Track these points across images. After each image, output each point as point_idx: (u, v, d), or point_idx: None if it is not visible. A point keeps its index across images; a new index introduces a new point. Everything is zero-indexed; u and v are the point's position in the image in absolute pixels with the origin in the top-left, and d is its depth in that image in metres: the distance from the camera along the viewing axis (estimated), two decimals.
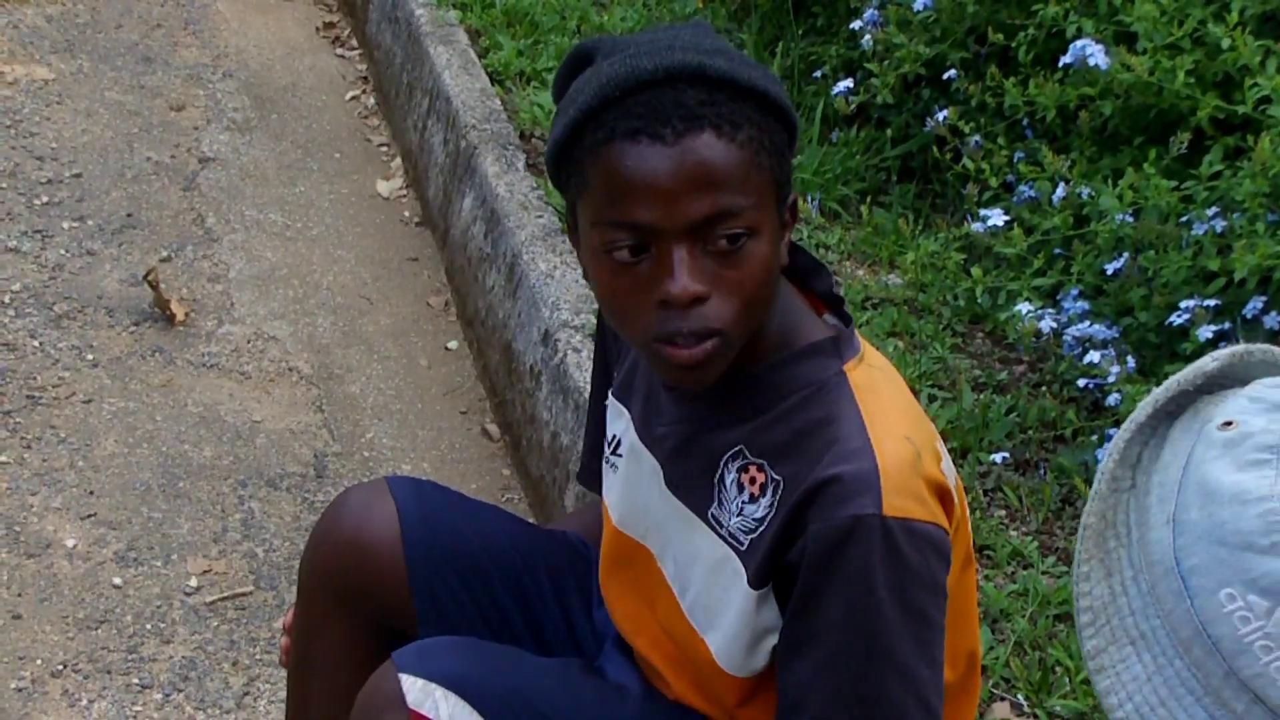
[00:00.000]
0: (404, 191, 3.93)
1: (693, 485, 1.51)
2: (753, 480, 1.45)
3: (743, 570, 1.45)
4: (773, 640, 1.46)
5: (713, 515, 1.48)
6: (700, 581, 1.51)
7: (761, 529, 1.43)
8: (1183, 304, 2.51)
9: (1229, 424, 1.00)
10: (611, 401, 1.66)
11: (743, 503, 1.45)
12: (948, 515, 1.40)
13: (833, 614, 1.37)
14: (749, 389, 1.45)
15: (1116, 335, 2.63)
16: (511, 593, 1.75)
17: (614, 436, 1.65)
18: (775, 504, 1.42)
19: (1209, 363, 1.06)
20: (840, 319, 1.51)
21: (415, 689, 1.53)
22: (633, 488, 1.60)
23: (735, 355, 1.40)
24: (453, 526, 1.75)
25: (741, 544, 1.45)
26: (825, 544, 1.35)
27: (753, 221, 1.35)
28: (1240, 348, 1.07)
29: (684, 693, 1.61)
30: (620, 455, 1.63)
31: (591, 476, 1.84)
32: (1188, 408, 1.06)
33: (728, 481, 1.47)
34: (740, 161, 1.33)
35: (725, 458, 1.47)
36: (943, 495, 1.40)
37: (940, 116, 3.03)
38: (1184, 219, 2.62)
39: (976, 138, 3.06)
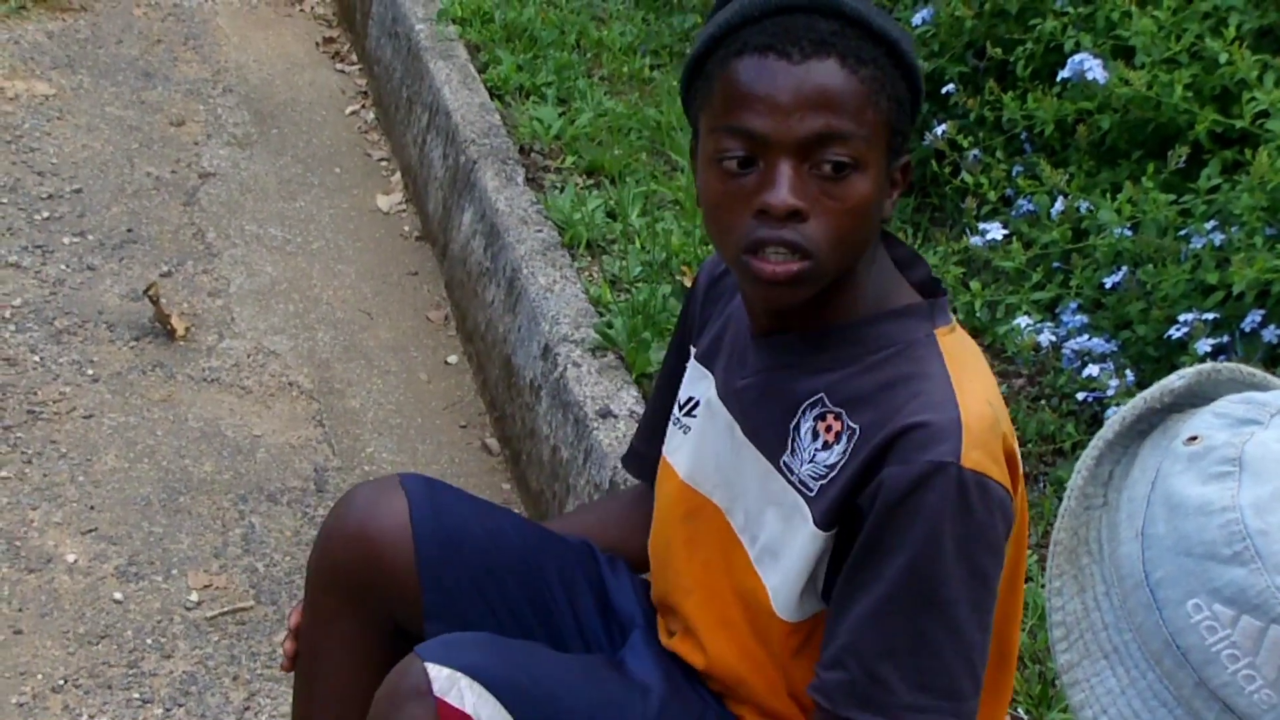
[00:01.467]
0: (404, 206, 3.94)
1: (769, 432, 1.53)
2: (829, 428, 1.47)
3: (809, 513, 1.47)
4: (822, 571, 1.48)
5: (784, 463, 1.51)
6: (770, 528, 1.53)
7: (833, 474, 1.46)
8: (1181, 317, 2.52)
9: (1194, 439, 1.01)
10: (694, 365, 1.69)
11: (816, 450, 1.48)
12: (1013, 485, 1.43)
13: (897, 559, 1.39)
14: (838, 341, 1.49)
15: (1115, 349, 2.63)
16: (523, 590, 1.75)
17: (690, 398, 1.67)
18: (849, 450, 1.45)
19: (1176, 381, 1.08)
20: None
21: (442, 677, 1.54)
22: (706, 444, 1.63)
23: (825, 292, 1.44)
24: (464, 523, 1.75)
25: (811, 490, 1.48)
26: (900, 487, 1.38)
27: (860, 153, 1.40)
28: (1208, 366, 1.09)
29: (721, 655, 1.61)
30: (695, 416, 1.66)
31: (637, 462, 1.87)
32: (1157, 426, 1.08)
33: (803, 429, 1.50)
34: (859, 93, 1.39)
35: (805, 405, 1.50)
36: (1012, 463, 1.43)
37: (939, 131, 3.04)
38: (1182, 233, 2.62)
39: (975, 152, 3.06)
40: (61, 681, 2.42)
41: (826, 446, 1.47)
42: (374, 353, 3.36)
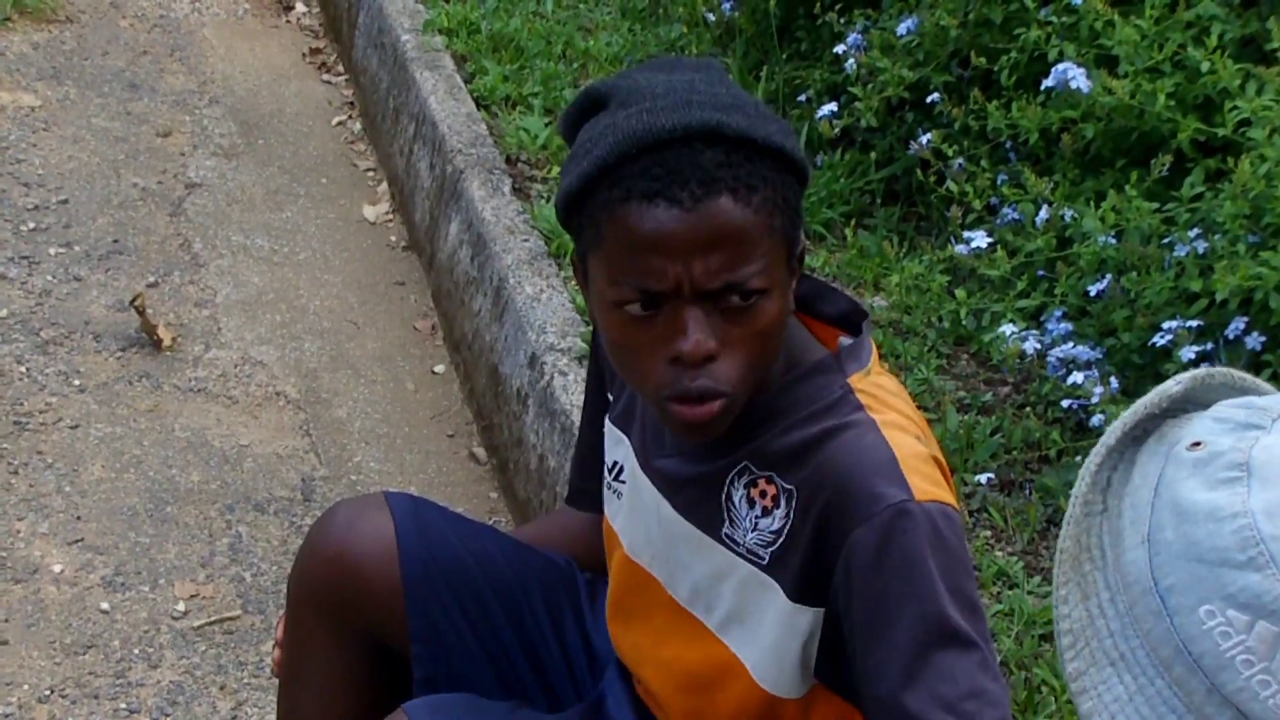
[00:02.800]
0: (390, 216, 3.94)
1: (700, 508, 1.51)
2: (763, 494, 1.45)
3: (773, 583, 1.45)
4: (813, 649, 1.46)
5: (726, 535, 1.49)
6: (731, 598, 1.50)
7: (782, 540, 1.44)
8: (1165, 325, 2.53)
9: (1197, 444, 1.01)
10: (610, 428, 1.67)
11: (756, 517, 1.46)
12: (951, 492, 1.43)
13: (904, 619, 1.35)
14: (754, 416, 1.46)
15: (1100, 356, 2.64)
16: (506, 612, 1.75)
17: (615, 463, 1.65)
18: (791, 512, 1.43)
19: (1172, 386, 1.08)
20: (851, 334, 1.52)
21: None
22: (637, 516, 1.61)
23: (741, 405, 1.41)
24: (449, 544, 1.74)
25: (763, 558, 1.46)
26: (872, 544, 1.35)
27: (765, 283, 1.35)
28: (1201, 371, 1.09)
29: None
30: (623, 482, 1.63)
31: (579, 497, 1.84)
32: (1153, 432, 1.08)
33: (736, 499, 1.48)
34: (756, 225, 1.34)
35: (731, 475, 1.48)
36: (946, 475, 1.43)
37: (924, 140, 3.05)
38: (1166, 241, 2.63)
39: (960, 161, 3.07)
40: (48, 692, 2.42)
41: (766, 512, 1.45)
42: (361, 362, 3.36)
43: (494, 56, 4.06)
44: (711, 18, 4.12)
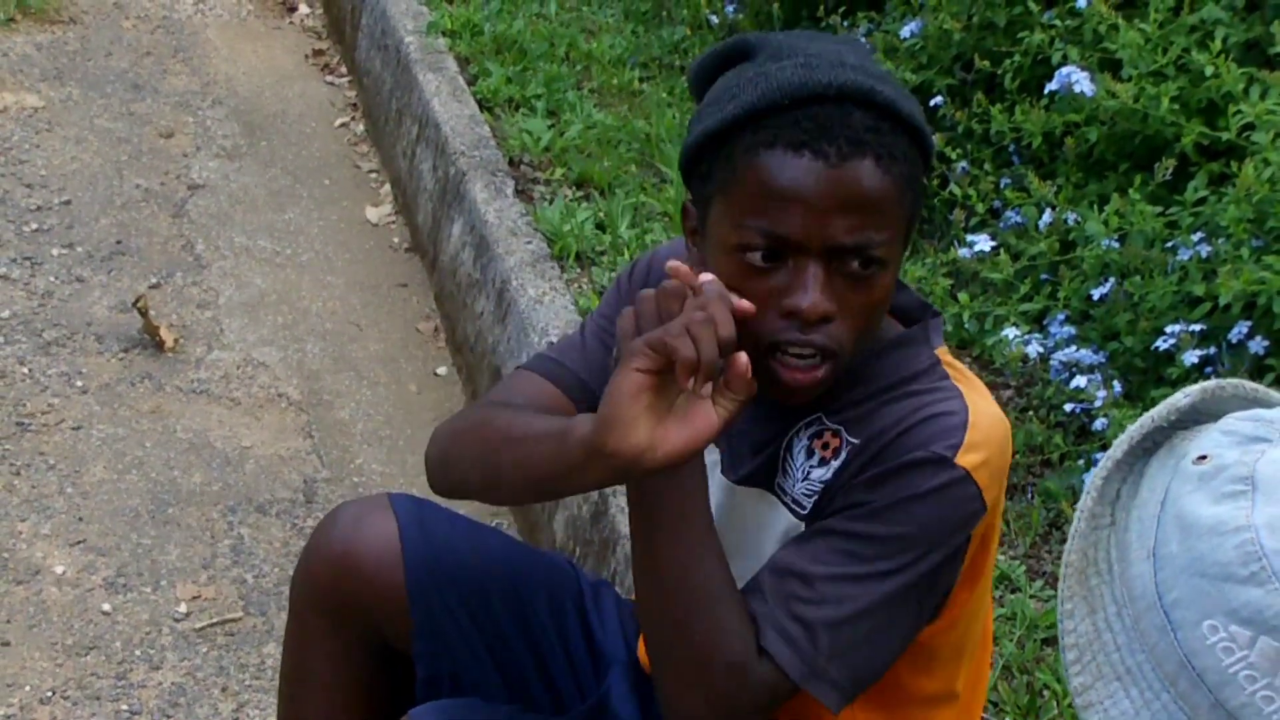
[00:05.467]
0: (393, 218, 3.94)
1: (757, 462, 1.51)
2: (825, 445, 1.46)
3: (801, 527, 1.47)
4: None
5: (778, 485, 1.50)
6: (771, 549, 1.50)
7: (826, 487, 1.45)
8: (1168, 329, 2.53)
9: (1203, 458, 1.01)
10: None
11: (810, 467, 1.47)
12: (994, 501, 1.43)
13: (860, 510, 1.39)
14: (839, 383, 1.45)
15: (1103, 360, 2.64)
16: (510, 613, 1.74)
17: None
18: (845, 463, 1.44)
19: (1181, 399, 1.07)
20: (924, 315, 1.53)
21: None
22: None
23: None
24: (452, 545, 1.74)
25: (805, 508, 1.47)
26: (893, 464, 1.38)
27: (887, 253, 1.37)
28: (1212, 383, 1.08)
29: None
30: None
31: (556, 370, 1.66)
32: (1163, 444, 1.07)
33: (795, 449, 1.48)
34: (891, 194, 1.35)
35: (798, 427, 1.48)
36: (1001, 481, 1.44)
37: None
38: (1169, 245, 2.63)
39: (963, 164, 3.08)
40: (50, 693, 2.42)
41: (823, 463, 1.46)
42: (363, 364, 3.36)
43: (497, 58, 4.06)
44: (715, 20, 4.12)
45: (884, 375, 1.46)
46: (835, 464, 1.45)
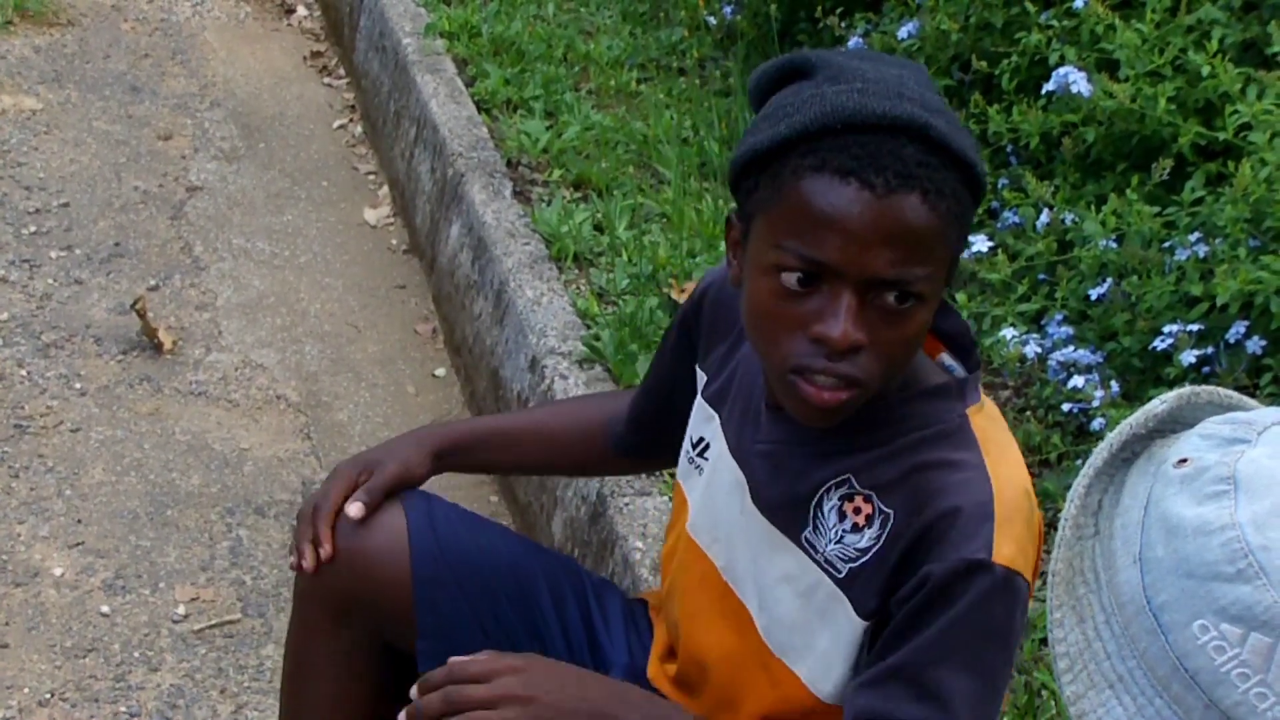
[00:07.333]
0: (391, 219, 3.95)
1: (786, 507, 1.50)
2: (857, 510, 1.45)
3: (844, 598, 1.45)
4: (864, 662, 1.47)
5: (806, 539, 1.48)
6: (787, 603, 1.50)
7: (865, 559, 1.43)
8: (1166, 329, 2.53)
9: (1184, 461, 1.01)
10: (700, 404, 1.65)
11: (844, 531, 1.45)
12: (1035, 570, 1.43)
13: (915, 633, 1.38)
14: (865, 424, 1.44)
15: (1100, 360, 2.64)
16: (518, 613, 1.74)
17: (701, 439, 1.64)
18: (883, 536, 1.42)
19: (1159, 405, 1.08)
20: (962, 362, 1.51)
21: None
22: (711, 496, 1.60)
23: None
24: (460, 540, 1.74)
25: (839, 571, 1.45)
26: (939, 583, 1.37)
27: (926, 289, 1.35)
28: (1187, 390, 1.09)
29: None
30: (707, 459, 1.62)
31: (622, 438, 1.85)
32: (1141, 453, 1.08)
33: (826, 508, 1.47)
34: (935, 231, 1.33)
35: (829, 485, 1.47)
36: (1038, 532, 1.43)
37: None
38: (1166, 245, 2.64)
39: None
40: (48, 695, 2.42)
41: (857, 529, 1.44)
42: (361, 366, 3.36)
43: (495, 60, 4.06)
44: (713, 21, 4.13)
45: (910, 426, 1.44)
46: (870, 532, 1.44)
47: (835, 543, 1.46)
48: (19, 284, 3.42)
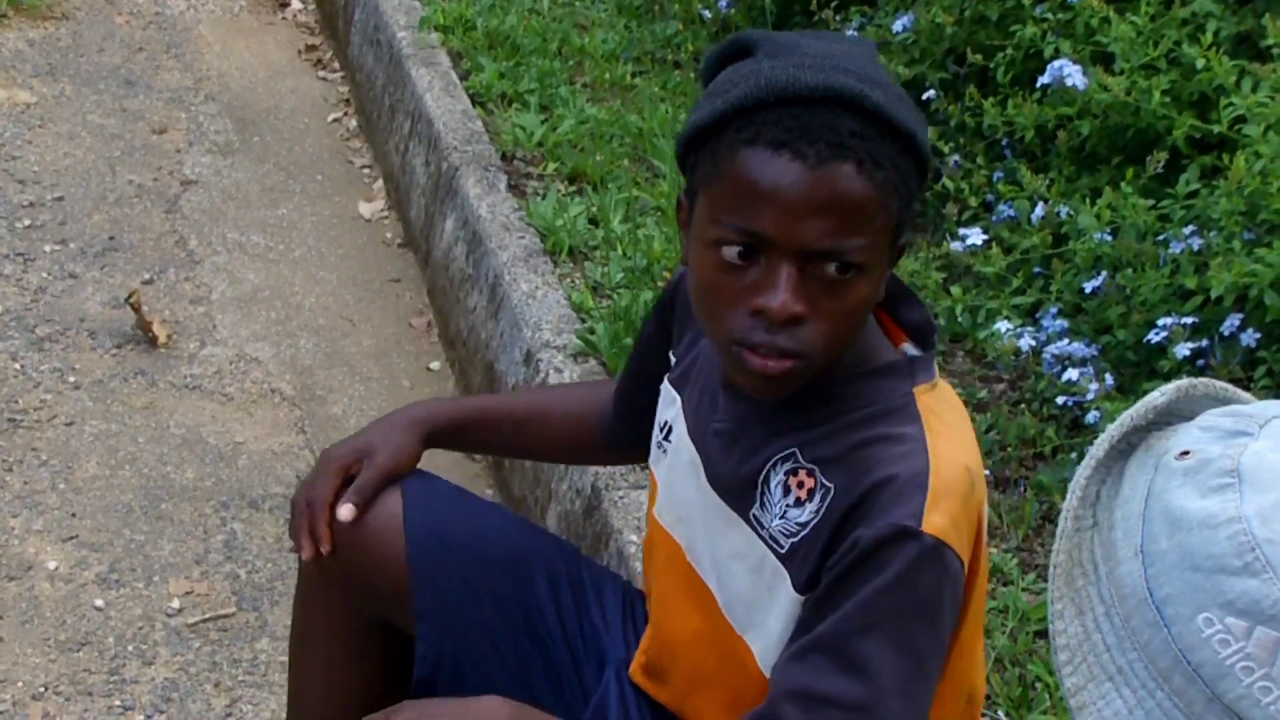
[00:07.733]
0: (386, 213, 3.94)
1: (736, 484, 1.51)
2: (800, 485, 1.45)
3: (785, 573, 1.45)
4: None
5: (754, 516, 1.49)
6: (741, 579, 1.51)
7: (804, 533, 1.44)
8: (1160, 322, 2.53)
9: (1186, 454, 1.01)
10: (666, 388, 1.67)
11: (787, 506, 1.46)
12: (976, 547, 1.42)
13: (838, 611, 1.38)
14: (814, 400, 1.45)
15: (1095, 353, 2.64)
16: (511, 590, 1.75)
17: (665, 423, 1.66)
18: (822, 509, 1.43)
19: (1158, 397, 1.08)
20: (922, 348, 1.51)
21: None
22: (674, 477, 1.61)
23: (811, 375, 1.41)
24: (457, 521, 1.75)
25: (782, 546, 1.46)
26: (863, 551, 1.36)
27: (865, 259, 1.35)
28: (1185, 382, 1.09)
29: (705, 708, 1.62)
30: (670, 442, 1.64)
31: (611, 429, 1.87)
32: (1139, 445, 1.08)
33: (772, 484, 1.47)
34: (871, 199, 1.33)
35: (775, 460, 1.47)
36: (977, 533, 1.42)
37: None
38: (1161, 237, 2.64)
39: (956, 157, 3.08)
40: (42, 689, 2.42)
41: (799, 503, 1.45)
42: (356, 360, 3.35)
43: (490, 53, 4.06)
44: (707, 14, 4.12)
45: (857, 404, 1.44)
46: (810, 506, 1.44)
47: (779, 518, 1.46)
48: (13, 277, 3.42)
